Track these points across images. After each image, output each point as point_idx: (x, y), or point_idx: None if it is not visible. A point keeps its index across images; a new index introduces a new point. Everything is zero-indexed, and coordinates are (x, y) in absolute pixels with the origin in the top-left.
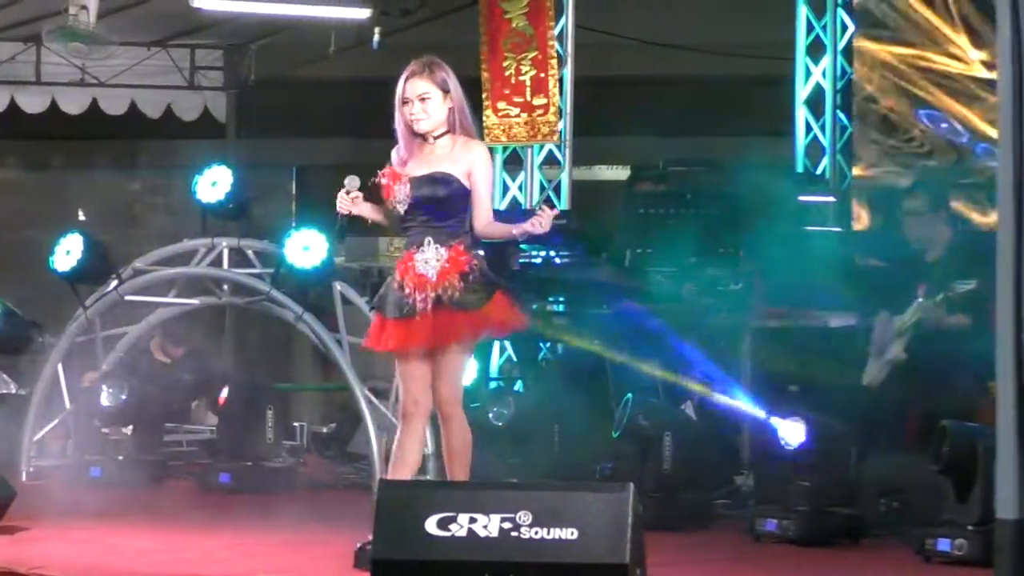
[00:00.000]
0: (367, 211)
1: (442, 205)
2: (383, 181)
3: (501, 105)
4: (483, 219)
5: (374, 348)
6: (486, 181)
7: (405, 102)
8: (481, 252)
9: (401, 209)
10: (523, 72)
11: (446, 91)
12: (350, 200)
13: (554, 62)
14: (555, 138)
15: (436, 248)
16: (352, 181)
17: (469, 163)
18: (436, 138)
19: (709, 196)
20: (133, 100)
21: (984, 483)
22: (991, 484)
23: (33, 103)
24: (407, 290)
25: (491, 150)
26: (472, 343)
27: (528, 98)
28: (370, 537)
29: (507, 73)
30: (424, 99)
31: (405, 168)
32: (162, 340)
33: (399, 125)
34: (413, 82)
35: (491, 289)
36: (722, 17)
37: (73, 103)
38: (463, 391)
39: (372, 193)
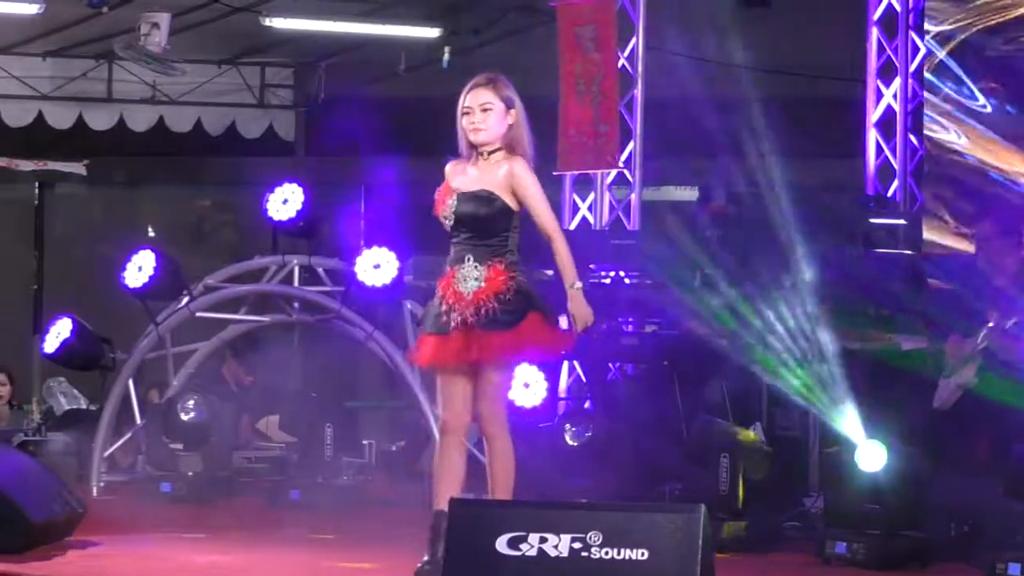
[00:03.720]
0: None
1: (483, 223)
2: (436, 196)
3: (571, 132)
4: (546, 229)
5: (412, 362)
6: (535, 199)
7: (466, 112)
8: (549, 272)
9: (447, 224)
10: (592, 98)
11: (509, 107)
12: None
13: (617, 87)
14: (618, 164)
15: (475, 266)
16: None
17: (509, 180)
18: (490, 153)
19: (779, 218)
20: (199, 117)
21: None
22: None
23: (101, 120)
24: (444, 307)
25: None
26: (509, 363)
27: (595, 124)
28: (426, 557)
29: (578, 99)
30: (486, 109)
31: (455, 182)
32: (234, 367)
33: (460, 138)
34: (476, 92)
35: (526, 310)
36: (793, 38)
37: (140, 120)
38: (505, 411)
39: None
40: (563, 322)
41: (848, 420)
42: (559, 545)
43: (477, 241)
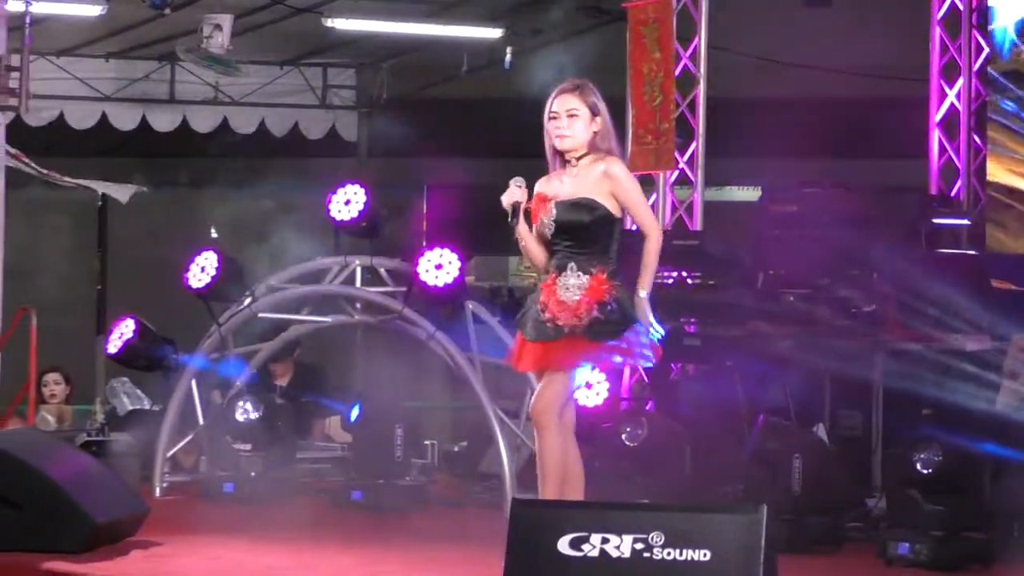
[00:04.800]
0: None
1: (584, 231)
2: (531, 206)
3: (639, 132)
4: (644, 227)
5: (514, 367)
6: (632, 199)
7: (552, 117)
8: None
9: (548, 233)
10: (655, 98)
11: (595, 114)
12: (520, 191)
13: (675, 86)
14: (674, 165)
15: (578, 275)
16: (517, 180)
17: (611, 181)
18: (578, 159)
19: (842, 218)
20: (263, 118)
21: None
22: None
23: (163, 121)
24: (547, 314)
25: None
26: (608, 370)
27: (657, 124)
28: None
29: (645, 99)
30: (572, 115)
31: (549, 189)
32: (281, 368)
33: (546, 145)
34: (563, 98)
35: (625, 324)
36: (857, 38)
37: (203, 121)
38: (561, 406)
39: (526, 217)
40: None
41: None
42: (621, 546)
43: (579, 249)
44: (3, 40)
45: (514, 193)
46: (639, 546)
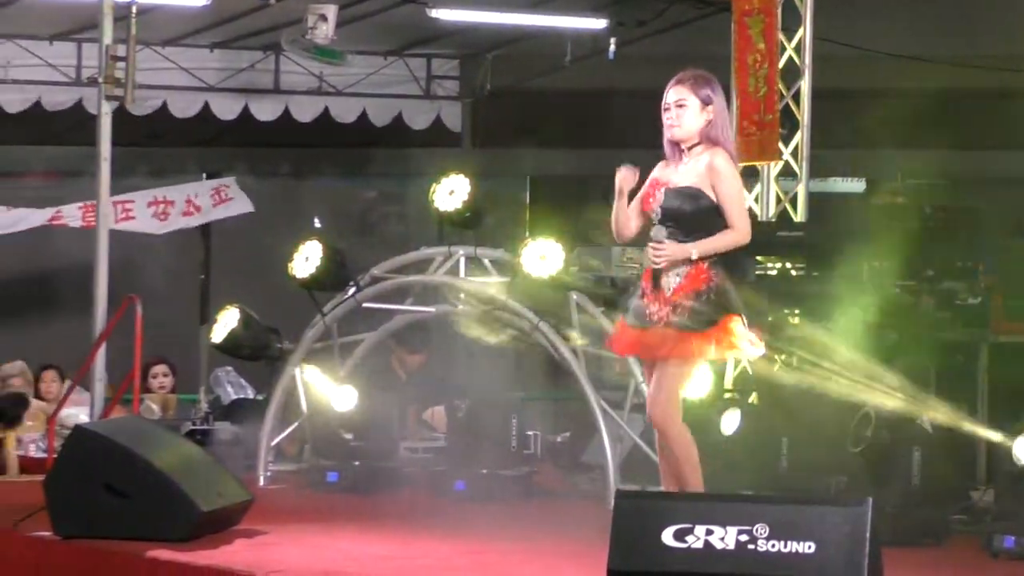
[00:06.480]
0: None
1: (688, 219)
2: (645, 189)
3: (744, 123)
4: (730, 222)
5: (612, 350)
6: (726, 191)
7: (665, 108)
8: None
9: (655, 219)
10: (760, 89)
11: (706, 104)
12: (628, 174)
13: (778, 77)
14: (779, 156)
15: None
16: (629, 165)
17: (712, 173)
18: (690, 149)
19: (948, 209)
20: (364, 108)
21: None
22: None
23: (266, 110)
24: (645, 300)
25: None
26: (692, 361)
27: (761, 115)
28: None
29: (749, 90)
30: (680, 106)
31: (663, 175)
32: (402, 355)
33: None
34: (675, 88)
35: (723, 311)
36: (962, 28)
37: (305, 111)
38: (679, 405)
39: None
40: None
41: None
42: (725, 537)
43: (682, 237)
44: (109, 30)
45: (621, 173)
46: (743, 538)
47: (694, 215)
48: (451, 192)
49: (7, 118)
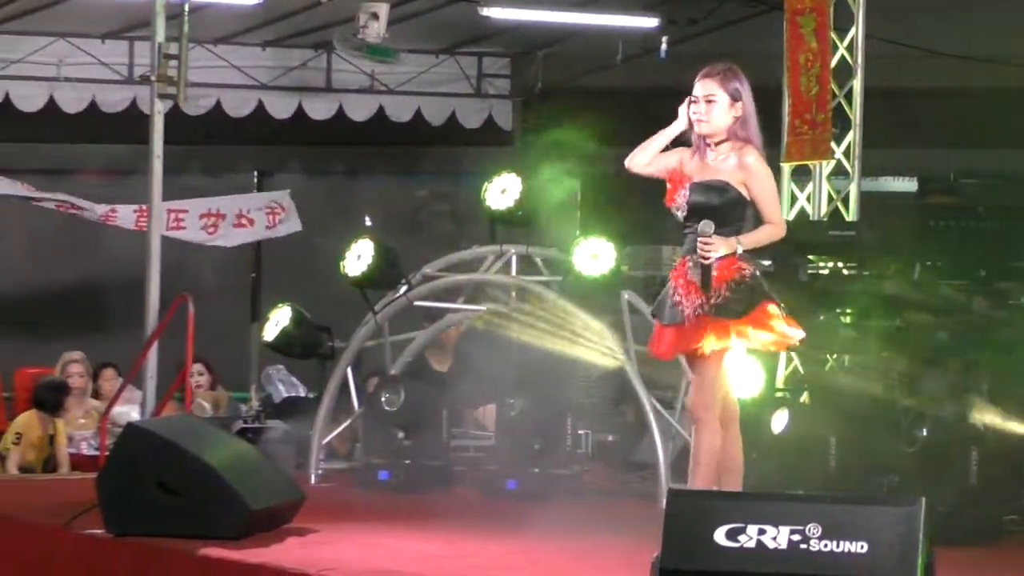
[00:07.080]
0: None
1: (715, 213)
2: (668, 185)
3: (795, 122)
4: (767, 220)
5: (653, 353)
6: (761, 190)
7: (693, 101)
8: (767, 262)
9: (680, 215)
10: (812, 88)
11: (735, 99)
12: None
13: (830, 76)
14: (830, 155)
15: None
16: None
17: (745, 171)
18: (717, 144)
19: (1001, 209)
20: (419, 107)
21: None
22: None
23: (319, 109)
24: (678, 297)
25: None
26: (731, 348)
27: (813, 114)
28: None
29: (801, 89)
30: (709, 101)
31: (687, 168)
32: (435, 350)
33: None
34: (704, 82)
35: (756, 300)
36: (1014, 27)
37: (359, 110)
38: (715, 399)
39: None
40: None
41: None
42: (778, 537)
43: None
44: (162, 29)
45: (683, 120)
46: (796, 537)
47: (721, 208)
48: (503, 191)
49: (65, 117)
